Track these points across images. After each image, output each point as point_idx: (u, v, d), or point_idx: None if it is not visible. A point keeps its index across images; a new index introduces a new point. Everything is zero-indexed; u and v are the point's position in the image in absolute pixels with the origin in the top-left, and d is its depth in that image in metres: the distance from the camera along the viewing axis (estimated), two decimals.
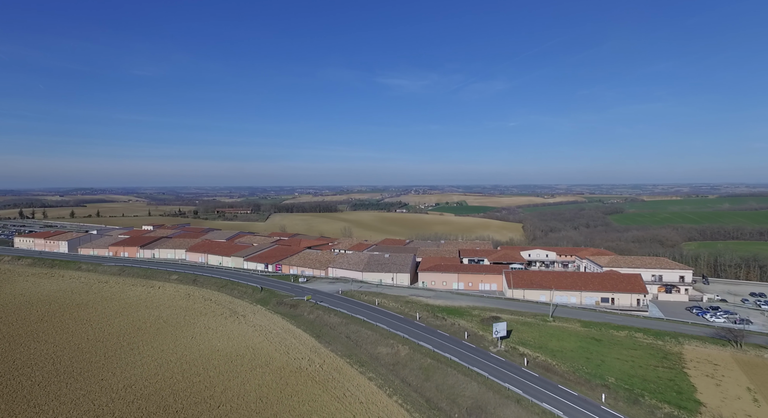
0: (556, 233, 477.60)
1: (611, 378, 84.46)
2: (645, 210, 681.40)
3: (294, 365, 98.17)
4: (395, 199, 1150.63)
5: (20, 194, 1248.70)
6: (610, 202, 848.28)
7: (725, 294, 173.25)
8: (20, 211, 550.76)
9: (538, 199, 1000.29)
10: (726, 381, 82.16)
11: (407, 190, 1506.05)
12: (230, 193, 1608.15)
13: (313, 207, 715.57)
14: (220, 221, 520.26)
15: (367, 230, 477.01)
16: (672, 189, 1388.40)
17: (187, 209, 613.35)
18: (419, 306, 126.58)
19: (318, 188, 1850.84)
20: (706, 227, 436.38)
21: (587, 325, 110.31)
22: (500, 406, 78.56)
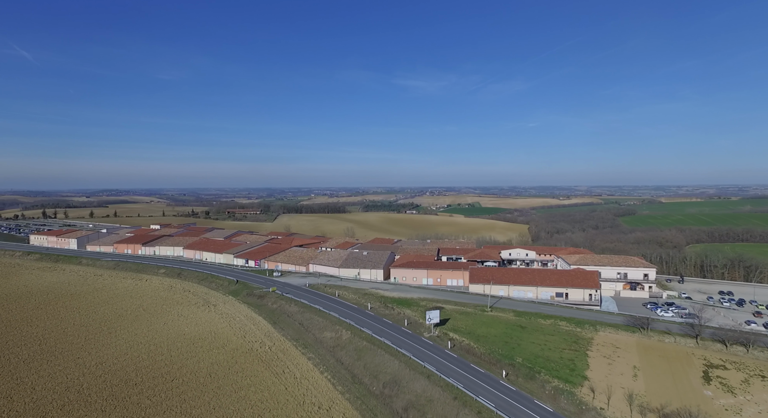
0: (560, 235, 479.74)
1: (519, 359, 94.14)
2: (660, 212, 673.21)
3: (246, 347, 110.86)
4: (409, 200, 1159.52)
5: (50, 195, 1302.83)
6: (627, 204, 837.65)
7: (696, 293, 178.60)
8: (43, 211, 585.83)
9: (553, 200, 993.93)
10: (618, 361, 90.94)
11: (422, 192, 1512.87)
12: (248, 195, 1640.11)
13: (322, 208, 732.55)
14: (229, 221, 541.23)
15: (372, 231, 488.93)
16: (697, 191, 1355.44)
17: (200, 210, 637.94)
18: (375, 297, 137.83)
19: (335, 190, 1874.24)
20: (714, 229, 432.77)
21: (519, 315, 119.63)
22: (412, 380, 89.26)
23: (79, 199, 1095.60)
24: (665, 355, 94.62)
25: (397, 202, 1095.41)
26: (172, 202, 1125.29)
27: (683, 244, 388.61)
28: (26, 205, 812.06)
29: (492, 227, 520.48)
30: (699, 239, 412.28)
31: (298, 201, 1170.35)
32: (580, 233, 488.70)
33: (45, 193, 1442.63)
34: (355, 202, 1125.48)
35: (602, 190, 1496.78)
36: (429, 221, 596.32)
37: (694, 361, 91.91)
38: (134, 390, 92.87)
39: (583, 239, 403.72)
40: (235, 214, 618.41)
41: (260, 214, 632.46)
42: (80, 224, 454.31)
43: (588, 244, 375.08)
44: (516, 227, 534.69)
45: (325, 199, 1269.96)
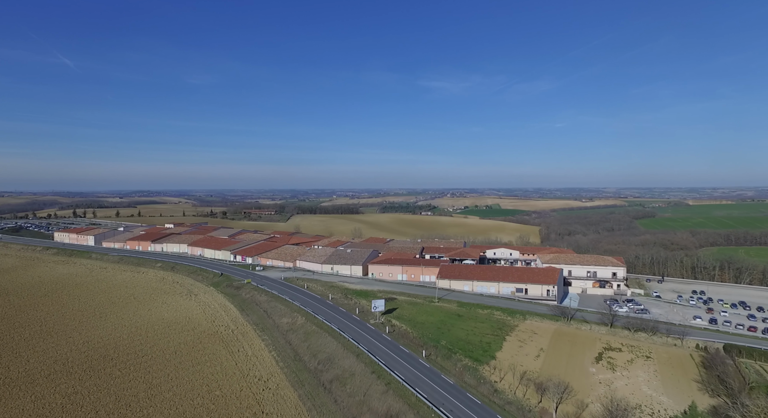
0: (571, 236, 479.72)
1: (444, 342, 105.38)
2: (683, 215, 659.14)
3: (213, 330, 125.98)
4: (429, 202, 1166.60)
5: (87, 196, 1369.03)
6: (651, 206, 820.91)
7: (669, 292, 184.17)
8: (74, 211, 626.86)
9: (575, 202, 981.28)
10: (530, 344, 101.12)
11: (443, 194, 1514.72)
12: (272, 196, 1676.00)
13: (336, 209, 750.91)
14: (244, 221, 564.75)
15: (382, 231, 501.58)
16: (734, 193, 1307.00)
17: (219, 210, 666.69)
18: (339, 289, 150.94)
19: (357, 191, 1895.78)
20: (731, 232, 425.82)
21: (462, 305, 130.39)
22: (344, 358, 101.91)
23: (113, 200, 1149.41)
24: (574, 340, 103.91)
25: (416, 204, 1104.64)
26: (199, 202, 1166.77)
27: (694, 247, 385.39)
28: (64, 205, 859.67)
29: (502, 229, 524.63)
30: (714, 242, 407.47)
31: (319, 202, 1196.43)
32: (593, 235, 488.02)
33: (83, 194, 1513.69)
34: (374, 203, 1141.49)
35: (631, 192, 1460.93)
36: (440, 222, 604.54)
37: (596, 344, 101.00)
38: (109, 363, 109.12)
39: (588, 241, 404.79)
40: (251, 214, 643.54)
41: (274, 214, 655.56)
42: (105, 223, 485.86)
43: (592, 245, 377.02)
44: (527, 228, 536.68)
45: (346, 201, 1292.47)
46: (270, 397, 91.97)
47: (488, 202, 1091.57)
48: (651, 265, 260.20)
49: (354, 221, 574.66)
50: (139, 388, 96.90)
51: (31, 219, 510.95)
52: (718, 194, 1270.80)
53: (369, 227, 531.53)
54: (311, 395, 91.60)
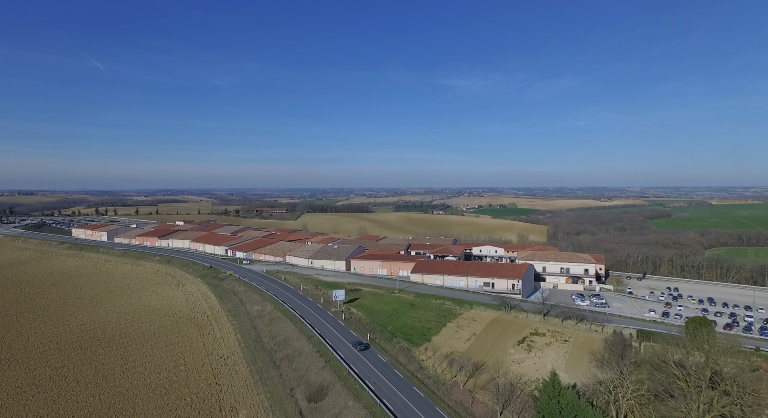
0: (578, 236, 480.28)
1: (390, 327, 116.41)
2: (701, 215, 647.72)
3: (190, 316, 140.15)
4: (445, 201, 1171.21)
5: (114, 195, 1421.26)
6: (672, 206, 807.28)
7: (644, 288, 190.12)
8: (96, 209, 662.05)
9: (593, 202, 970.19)
10: (466, 329, 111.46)
11: (461, 192, 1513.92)
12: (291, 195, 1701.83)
13: (347, 208, 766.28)
14: (256, 219, 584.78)
15: (387, 229, 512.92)
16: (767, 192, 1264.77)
17: (233, 209, 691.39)
18: (312, 281, 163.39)
19: (375, 190, 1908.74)
20: (743, 232, 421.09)
21: (419, 296, 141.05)
22: (297, 340, 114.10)
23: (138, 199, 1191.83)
24: (507, 326, 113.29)
25: (431, 203, 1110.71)
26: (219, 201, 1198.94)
27: (701, 247, 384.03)
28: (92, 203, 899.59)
29: (509, 228, 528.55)
30: (725, 243, 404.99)
31: (335, 201, 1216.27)
32: (602, 235, 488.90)
33: (110, 193, 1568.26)
34: (389, 202, 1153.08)
35: (656, 191, 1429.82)
36: (448, 220, 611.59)
37: (525, 330, 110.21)
38: (95, 343, 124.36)
39: (592, 240, 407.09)
40: (263, 212, 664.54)
41: (285, 212, 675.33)
42: (123, 220, 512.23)
43: (594, 244, 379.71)
44: (535, 227, 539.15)
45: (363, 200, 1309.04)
46: (226, 371, 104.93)
47: (505, 202, 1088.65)
48: (642, 263, 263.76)
49: (362, 219, 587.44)
50: (116, 363, 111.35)
51: (56, 216, 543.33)
52: (749, 194, 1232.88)
53: (376, 225, 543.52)
54: (261, 370, 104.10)
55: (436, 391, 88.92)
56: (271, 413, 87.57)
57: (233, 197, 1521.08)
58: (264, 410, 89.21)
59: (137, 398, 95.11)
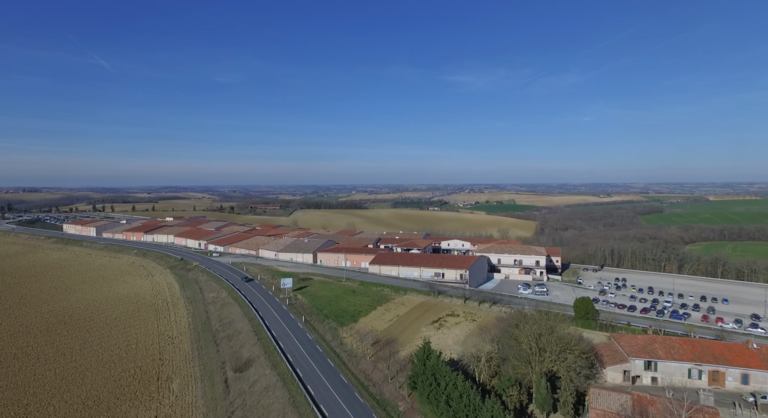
0: (564, 231, 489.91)
1: (326, 310, 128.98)
2: (693, 211, 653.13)
3: (151, 302, 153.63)
4: (445, 197, 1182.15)
5: (118, 192, 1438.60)
6: (669, 202, 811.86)
7: (595, 279, 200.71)
8: (93, 205, 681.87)
9: (592, 198, 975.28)
10: (393, 311, 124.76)
11: (463, 189, 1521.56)
12: (294, 191, 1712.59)
13: (341, 205, 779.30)
14: (249, 216, 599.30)
15: (377, 225, 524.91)
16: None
17: (227, 205, 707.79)
18: (270, 271, 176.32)
19: (378, 187, 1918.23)
20: (725, 227, 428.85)
21: (363, 284, 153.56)
22: (240, 322, 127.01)
23: (141, 195, 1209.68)
24: (429, 309, 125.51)
25: (431, 200, 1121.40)
26: (222, 198, 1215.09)
27: (683, 242, 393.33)
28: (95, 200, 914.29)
29: (498, 224, 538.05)
30: (707, 238, 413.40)
31: (337, 198, 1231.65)
32: (590, 230, 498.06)
33: (114, 190, 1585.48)
34: (388, 199, 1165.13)
35: (660, 187, 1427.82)
36: (439, 217, 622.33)
37: (443, 312, 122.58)
38: (61, 326, 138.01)
39: (572, 235, 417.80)
40: (257, 209, 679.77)
41: (279, 209, 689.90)
42: (118, 216, 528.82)
43: (575, 239, 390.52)
44: (525, 223, 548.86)
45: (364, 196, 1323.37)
46: (170, 349, 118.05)
47: (504, 198, 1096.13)
48: (609, 256, 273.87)
49: (354, 215, 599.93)
50: (76, 343, 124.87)
51: (53, 213, 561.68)
52: (754, 190, 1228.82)
53: (367, 221, 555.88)
54: (202, 347, 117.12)
55: (346, 362, 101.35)
56: (201, 382, 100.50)
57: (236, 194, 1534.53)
58: (195, 379, 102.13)
59: (88, 371, 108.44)
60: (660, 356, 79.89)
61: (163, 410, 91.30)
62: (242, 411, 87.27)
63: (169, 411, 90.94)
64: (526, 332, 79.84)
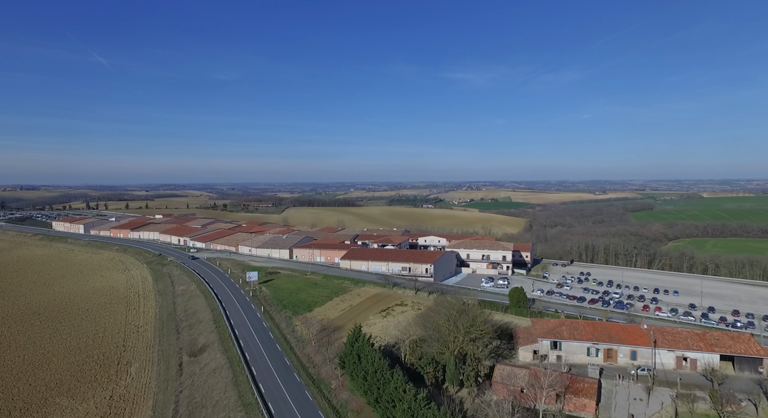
0: (551, 228, 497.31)
1: (285, 301, 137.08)
2: (683, 208, 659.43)
3: (124, 295, 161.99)
4: (442, 194, 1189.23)
5: (117, 190, 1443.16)
6: (663, 199, 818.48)
7: (560, 273, 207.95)
8: (87, 203, 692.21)
9: (588, 195, 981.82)
10: (347, 301, 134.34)
11: (461, 186, 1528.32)
12: (292, 189, 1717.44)
13: (334, 202, 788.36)
14: (241, 213, 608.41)
15: (367, 222, 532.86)
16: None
17: (221, 203, 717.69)
18: (242, 266, 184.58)
19: (377, 184, 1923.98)
20: (708, 224, 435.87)
21: (326, 277, 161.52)
22: (203, 312, 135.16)
23: (139, 193, 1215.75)
24: (381, 299, 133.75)
25: (427, 197, 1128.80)
26: (220, 195, 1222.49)
27: (665, 238, 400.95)
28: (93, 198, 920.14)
29: (488, 221, 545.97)
30: (690, 234, 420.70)
31: (335, 195, 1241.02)
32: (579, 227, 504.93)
33: (113, 188, 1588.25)
34: (385, 196, 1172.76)
35: (659, 184, 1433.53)
36: (430, 214, 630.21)
37: (393, 302, 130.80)
38: (35, 317, 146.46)
39: (556, 232, 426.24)
40: (249, 206, 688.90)
41: (271, 206, 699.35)
42: (110, 214, 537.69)
43: (558, 236, 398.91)
44: (514, 220, 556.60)
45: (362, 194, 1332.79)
46: (134, 336, 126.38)
47: (501, 195, 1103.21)
48: (584, 252, 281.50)
49: (345, 213, 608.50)
50: (47, 332, 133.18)
51: (46, 211, 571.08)
52: (752, 186, 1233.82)
53: (357, 218, 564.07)
54: (163, 335, 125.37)
55: (294, 347, 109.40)
56: (157, 365, 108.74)
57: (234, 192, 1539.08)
58: (153, 363, 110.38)
59: (54, 357, 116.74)
60: (564, 337, 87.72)
61: (119, 390, 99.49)
62: (190, 390, 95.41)
63: (123, 391, 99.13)
64: (442, 316, 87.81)
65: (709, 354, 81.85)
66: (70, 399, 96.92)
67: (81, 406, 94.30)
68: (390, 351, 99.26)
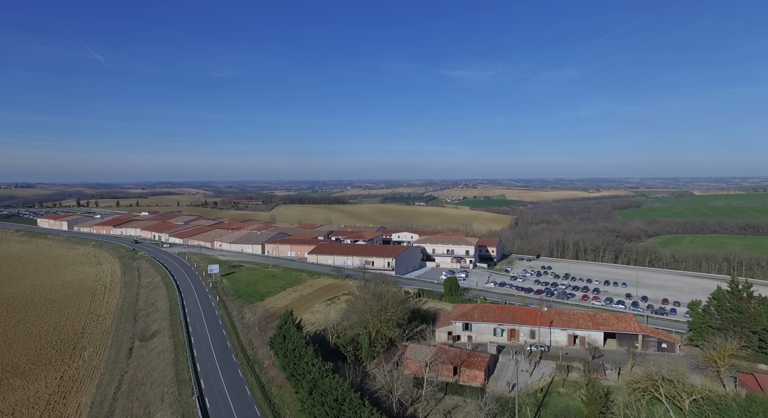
0: (536, 225, 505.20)
1: (242, 292, 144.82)
2: (671, 205, 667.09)
3: (92, 287, 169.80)
4: (437, 192, 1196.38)
5: (113, 187, 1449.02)
6: (654, 196, 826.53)
7: (522, 267, 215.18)
8: (77, 201, 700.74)
9: (581, 193, 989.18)
10: (298, 292, 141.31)
11: (457, 184, 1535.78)
12: (289, 187, 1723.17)
13: (325, 199, 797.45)
14: (231, 211, 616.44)
15: (354, 219, 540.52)
16: (765, 182, 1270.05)
17: (211, 201, 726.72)
18: (209, 259, 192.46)
19: (374, 182, 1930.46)
20: (689, 221, 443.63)
21: (285, 270, 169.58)
22: (161, 302, 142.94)
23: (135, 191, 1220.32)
24: (330, 290, 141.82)
25: (423, 195, 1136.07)
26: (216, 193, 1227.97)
27: (645, 235, 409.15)
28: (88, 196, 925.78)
29: (476, 218, 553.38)
30: (671, 231, 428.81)
31: (331, 193, 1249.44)
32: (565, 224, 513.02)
33: (109, 186, 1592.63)
34: (380, 194, 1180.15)
35: (655, 181, 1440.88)
36: (419, 211, 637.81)
37: (340, 292, 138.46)
38: (3, 307, 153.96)
39: (538, 229, 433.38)
40: (239, 204, 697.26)
41: (261, 204, 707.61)
42: (101, 211, 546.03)
43: (538, 233, 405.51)
44: (501, 217, 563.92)
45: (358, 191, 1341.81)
46: (93, 324, 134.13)
47: (496, 193, 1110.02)
48: (556, 247, 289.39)
49: (334, 210, 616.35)
50: (11, 321, 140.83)
51: (36, 208, 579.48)
52: (747, 184, 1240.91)
53: (346, 215, 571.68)
54: (121, 323, 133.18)
55: (239, 332, 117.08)
56: (109, 350, 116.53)
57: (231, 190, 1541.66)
58: (106, 348, 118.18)
59: (14, 343, 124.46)
60: (474, 319, 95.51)
61: (69, 371, 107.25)
62: (135, 371, 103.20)
63: (74, 373, 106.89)
64: (361, 302, 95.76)
65: (595, 332, 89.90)
66: (23, 380, 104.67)
67: (32, 386, 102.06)
68: (323, 335, 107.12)
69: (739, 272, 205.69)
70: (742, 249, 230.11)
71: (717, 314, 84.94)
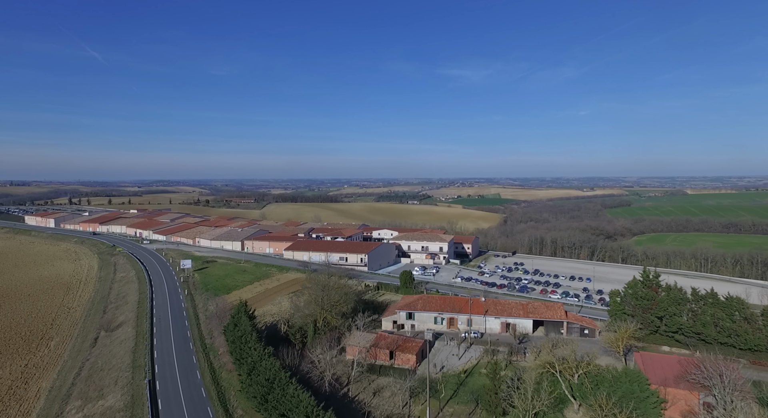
0: (524, 223, 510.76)
1: (210, 286, 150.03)
2: (661, 204, 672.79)
3: (67, 281, 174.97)
4: (433, 191, 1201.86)
5: (109, 185, 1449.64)
6: (647, 195, 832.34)
7: (495, 264, 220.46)
8: (69, 199, 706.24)
9: (576, 192, 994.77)
10: (265, 285, 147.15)
11: (454, 183, 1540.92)
12: (286, 185, 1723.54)
13: (317, 198, 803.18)
14: (223, 209, 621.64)
15: (345, 217, 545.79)
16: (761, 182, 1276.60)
17: (204, 199, 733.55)
18: (185, 255, 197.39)
19: (372, 180, 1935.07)
20: (673, 220, 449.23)
21: (256, 265, 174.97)
22: (132, 295, 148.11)
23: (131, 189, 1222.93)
24: (295, 283, 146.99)
25: (419, 193, 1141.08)
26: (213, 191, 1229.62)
27: (630, 233, 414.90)
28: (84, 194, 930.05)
29: (466, 217, 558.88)
30: (654, 229, 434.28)
31: (327, 192, 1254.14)
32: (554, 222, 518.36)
33: (106, 184, 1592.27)
34: (375, 193, 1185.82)
35: (652, 181, 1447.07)
36: (410, 210, 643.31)
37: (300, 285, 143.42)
38: None
39: (525, 227, 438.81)
40: (231, 202, 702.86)
41: (253, 203, 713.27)
42: (91, 209, 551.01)
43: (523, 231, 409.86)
44: (490, 216, 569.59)
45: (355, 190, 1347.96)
46: (64, 316, 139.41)
47: (491, 192, 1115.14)
48: (535, 244, 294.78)
49: (325, 208, 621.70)
50: None
51: (27, 205, 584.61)
52: (743, 183, 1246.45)
53: (336, 213, 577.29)
54: (90, 314, 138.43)
55: (201, 323, 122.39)
56: (75, 339, 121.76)
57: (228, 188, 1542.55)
58: (72, 338, 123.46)
59: None
60: (417, 309, 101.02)
61: (34, 360, 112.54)
62: (96, 358, 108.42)
63: (39, 361, 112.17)
64: (309, 293, 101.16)
65: (525, 320, 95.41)
66: None
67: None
68: (278, 324, 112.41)
69: (705, 267, 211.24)
70: (711, 246, 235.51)
71: (630, 301, 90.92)
